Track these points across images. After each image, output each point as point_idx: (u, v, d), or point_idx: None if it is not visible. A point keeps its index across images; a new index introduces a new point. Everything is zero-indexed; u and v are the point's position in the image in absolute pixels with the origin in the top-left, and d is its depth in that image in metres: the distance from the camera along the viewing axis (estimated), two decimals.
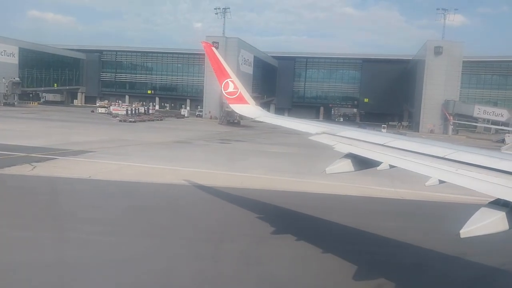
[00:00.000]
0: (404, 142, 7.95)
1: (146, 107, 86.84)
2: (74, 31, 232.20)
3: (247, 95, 11.64)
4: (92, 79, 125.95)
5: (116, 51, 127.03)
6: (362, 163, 8.00)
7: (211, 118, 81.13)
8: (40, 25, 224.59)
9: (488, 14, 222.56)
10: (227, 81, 11.37)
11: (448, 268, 11.45)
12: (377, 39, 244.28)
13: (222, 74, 11.39)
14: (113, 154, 28.39)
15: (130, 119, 62.38)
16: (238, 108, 11.75)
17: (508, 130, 52.06)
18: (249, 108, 11.65)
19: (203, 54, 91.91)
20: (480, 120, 70.63)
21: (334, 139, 8.87)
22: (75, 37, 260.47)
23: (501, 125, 61.87)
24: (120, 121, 61.80)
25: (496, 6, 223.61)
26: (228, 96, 11.50)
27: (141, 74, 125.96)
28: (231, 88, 11.38)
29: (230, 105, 11.86)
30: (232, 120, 70.59)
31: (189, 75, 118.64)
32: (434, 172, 6.39)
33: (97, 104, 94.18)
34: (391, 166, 7.21)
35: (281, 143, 44.84)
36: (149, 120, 67.38)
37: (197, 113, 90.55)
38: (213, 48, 11.53)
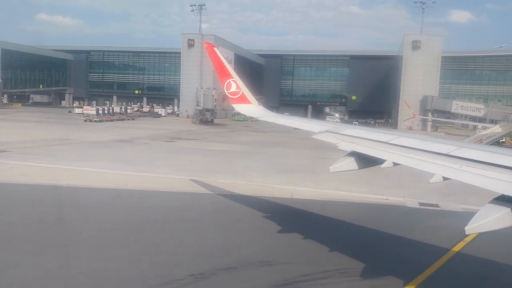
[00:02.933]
0: (408, 140, 7.88)
1: (124, 107, 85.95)
2: (82, 33, 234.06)
3: (249, 95, 11.53)
4: (80, 79, 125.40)
5: (104, 51, 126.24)
6: (366, 161, 7.94)
7: (188, 117, 79.81)
8: (48, 28, 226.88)
9: (495, 10, 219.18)
10: (229, 81, 11.33)
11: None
12: (385, 38, 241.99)
13: (224, 74, 11.31)
14: (27, 154, 27.09)
15: (95, 119, 61.32)
16: (240, 108, 11.68)
17: (477, 126, 50.23)
18: (251, 108, 11.61)
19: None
20: (459, 115, 68.64)
21: (337, 138, 8.83)
22: (83, 40, 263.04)
23: (478, 121, 59.82)
24: (85, 120, 60.78)
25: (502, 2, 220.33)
26: (231, 96, 11.45)
27: (128, 74, 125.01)
28: (233, 88, 11.36)
29: (233, 105, 11.78)
30: (204, 118, 69.27)
31: (176, 74, 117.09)
32: (438, 169, 6.37)
33: (74, 105, 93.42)
34: (395, 164, 7.14)
35: (237, 141, 43.48)
36: (118, 120, 66.31)
37: (177, 112, 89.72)
38: (215, 49, 11.47)
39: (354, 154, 8.07)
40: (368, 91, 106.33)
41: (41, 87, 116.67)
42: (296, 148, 39.70)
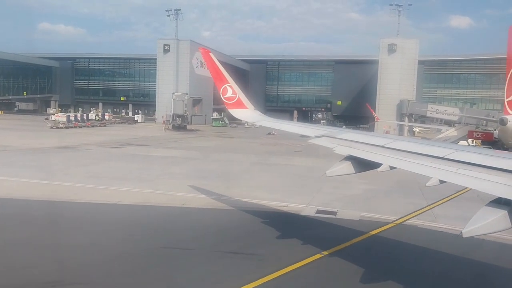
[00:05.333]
0: (404, 143, 7.94)
1: (102, 114, 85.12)
2: (84, 42, 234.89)
3: (246, 100, 11.54)
4: (65, 87, 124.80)
5: (89, 58, 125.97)
6: (363, 165, 7.91)
7: (163, 123, 78.55)
8: (51, 37, 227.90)
9: (494, 15, 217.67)
10: (225, 87, 11.31)
11: None
12: None
13: (220, 79, 11.34)
14: None
15: (60, 125, 60.25)
16: (237, 113, 11.66)
17: (440, 129, 49.01)
18: (248, 113, 11.62)
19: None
20: (435, 119, 67.26)
21: (334, 142, 8.83)
22: (84, 48, 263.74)
23: (453, 124, 58.32)
24: (52, 127, 59.73)
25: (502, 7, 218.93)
26: (227, 101, 11.43)
27: (114, 81, 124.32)
28: (229, 93, 11.33)
29: (229, 110, 11.72)
30: (177, 124, 67.97)
31: None
32: (434, 172, 6.39)
33: (51, 112, 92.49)
34: (392, 167, 7.13)
35: (190, 147, 41.99)
36: (87, 126, 65.27)
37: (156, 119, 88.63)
38: (211, 54, 11.47)
39: (351, 158, 8.01)
40: (353, 96, 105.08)
41: (25, 94, 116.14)
42: (248, 153, 38.43)
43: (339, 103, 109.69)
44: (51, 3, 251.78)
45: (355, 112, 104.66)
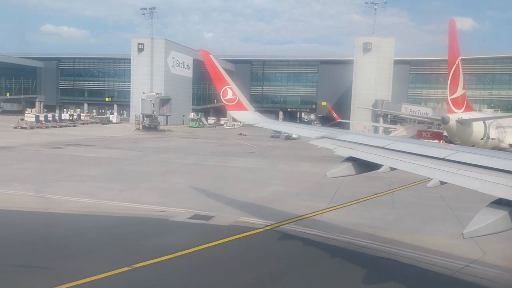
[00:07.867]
0: (405, 145, 8.02)
1: (78, 114, 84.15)
2: (87, 44, 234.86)
3: (246, 102, 11.57)
4: (50, 87, 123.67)
5: (74, 58, 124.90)
6: (363, 166, 7.94)
7: (137, 123, 77.37)
8: (54, 39, 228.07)
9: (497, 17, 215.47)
10: (226, 88, 11.31)
11: None
12: None
13: (220, 81, 11.33)
14: None
15: (24, 126, 59.24)
16: (237, 115, 11.83)
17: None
18: (247, 115, 11.64)
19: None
20: (409, 119, 65.57)
21: (335, 143, 8.80)
22: (87, 49, 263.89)
23: (426, 124, 56.80)
24: (15, 127, 58.70)
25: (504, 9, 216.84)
26: (227, 103, 11.43)
27: (99, 81, 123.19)
28: (229, 95, 11.32)
29: (229, 112, 11.85)
30: (147, 125, 66.66)
31: None
32: (435, 173, 6.36)
33: (26, 112, 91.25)
34: (392, 169, 7.15)
35: (137, 148, 40.82)
36: (54, 127, 64.19)
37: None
38: (211, 56, 11.43)
39: (352, 160, 8.01)
40: (338, 97, 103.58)
41: (7, 95, 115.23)
42: (193, 154, 37.20)
43: (324, 103, 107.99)
44: (53, 6, 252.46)
45: (340, 113, 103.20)
